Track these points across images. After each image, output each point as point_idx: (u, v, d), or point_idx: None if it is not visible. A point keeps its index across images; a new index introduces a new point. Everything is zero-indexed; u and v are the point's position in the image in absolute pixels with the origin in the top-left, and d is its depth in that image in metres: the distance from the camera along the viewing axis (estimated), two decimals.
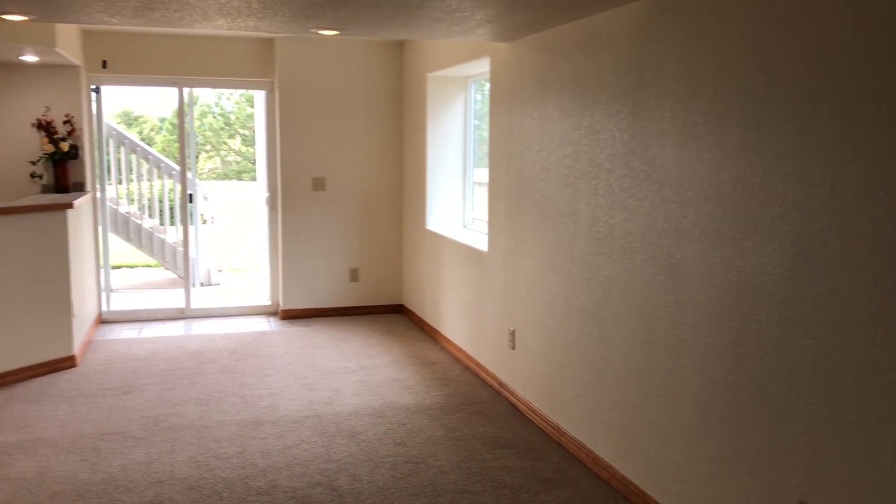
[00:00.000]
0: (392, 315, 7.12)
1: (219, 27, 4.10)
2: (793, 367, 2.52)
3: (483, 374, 5.20)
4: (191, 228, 7.20)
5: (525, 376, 4.57)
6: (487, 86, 5.95)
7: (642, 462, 3.41)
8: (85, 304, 5.98)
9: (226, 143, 21.65)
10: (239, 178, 21.11)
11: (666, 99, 3.16)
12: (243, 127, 21.40)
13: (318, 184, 6.88)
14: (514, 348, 4.71)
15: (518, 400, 4.65)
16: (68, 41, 5.60)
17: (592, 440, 3.83)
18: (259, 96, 7.36)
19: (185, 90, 6.86)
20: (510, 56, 4.66)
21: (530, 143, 4.42)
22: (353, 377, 5.22)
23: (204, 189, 9.36)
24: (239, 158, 21.84)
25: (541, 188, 4.30)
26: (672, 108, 3.12)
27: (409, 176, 6.87)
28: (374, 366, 5.48)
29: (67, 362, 5.33)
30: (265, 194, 7.21)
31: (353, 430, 4.29)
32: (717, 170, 2.86)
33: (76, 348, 5.46)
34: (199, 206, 8.71)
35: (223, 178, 21.20)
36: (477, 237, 5.69)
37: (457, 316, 5.71)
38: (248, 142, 21.48)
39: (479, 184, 6.16)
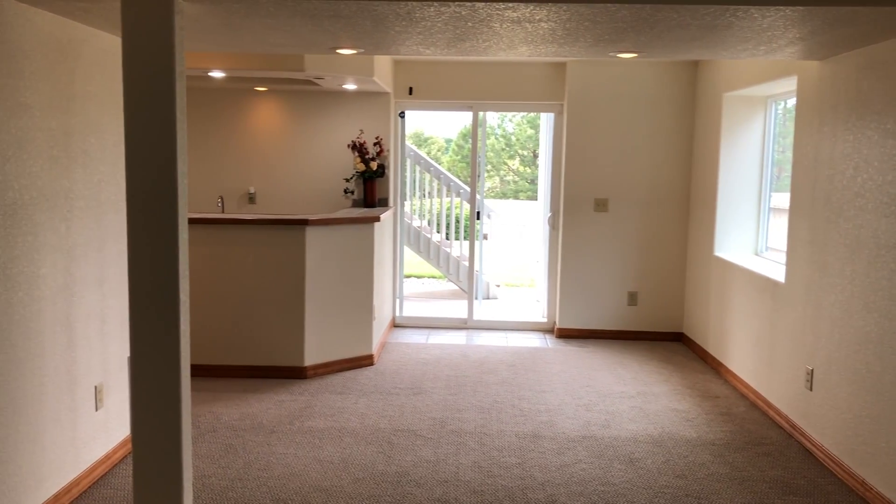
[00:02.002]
0: (670, 343, 6.90)
1: (520, 54, 4.29)
2: None
3: (772, 413, 4.85)
4: (475, 244, 7.59)
5: (824, 420, 4.20)
6: (783, 105, 5.59)
7: None
8: (382, 308, 6.55)
9: (506, 164, 22.51)
10: (516, 197, 21.83)
11: None
12: (523, 148, 22.11)
13: (601, 205, 6.90)
14: (811, 389, 4.34)
15: (813, 445, 4.27)
16: (382, 70, 6.20)
17: None
18: (546, 118, 7.57)
19: (479, 113, 7.25)
20: (822, 74, 4.33)
21: (842, 167, 4.07)
22: (631, 402, 5.15)
23: (488, 207, 9.81)
24: (517, 178, 22.59)
25: (854, 217, 3.93)
26: None
27: (696, 199, 6.63)
28: (652, 393, 5.36)
29: (367, 360, 5.88)
30: (547, 214, 7.38)
31: (630, 455, 4.23)
32: None
33: (374, 348, 6.00)
34: (483, 223, 9.14)
35: (501, 197, 22.05)
36: (771, 266, 5.34)
37: (744, 349, 5.40)
38: (527, 162, 22.13)
39: (774, 209, 5.78)
